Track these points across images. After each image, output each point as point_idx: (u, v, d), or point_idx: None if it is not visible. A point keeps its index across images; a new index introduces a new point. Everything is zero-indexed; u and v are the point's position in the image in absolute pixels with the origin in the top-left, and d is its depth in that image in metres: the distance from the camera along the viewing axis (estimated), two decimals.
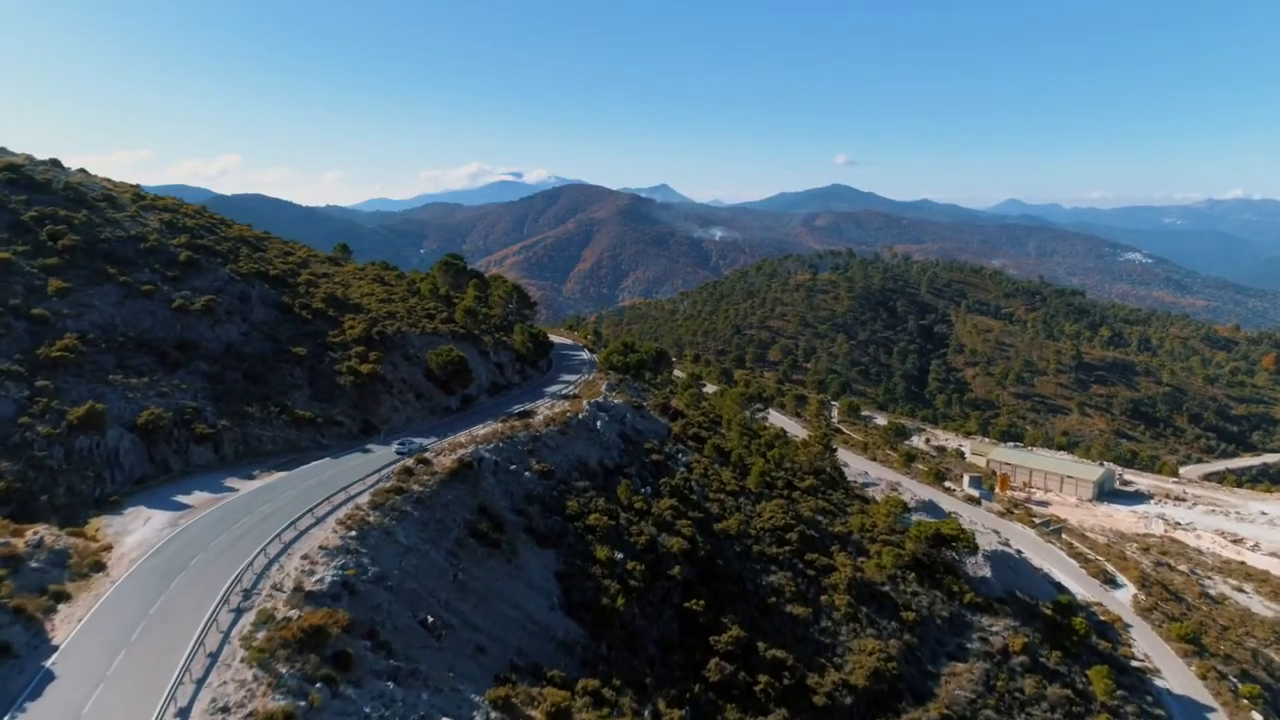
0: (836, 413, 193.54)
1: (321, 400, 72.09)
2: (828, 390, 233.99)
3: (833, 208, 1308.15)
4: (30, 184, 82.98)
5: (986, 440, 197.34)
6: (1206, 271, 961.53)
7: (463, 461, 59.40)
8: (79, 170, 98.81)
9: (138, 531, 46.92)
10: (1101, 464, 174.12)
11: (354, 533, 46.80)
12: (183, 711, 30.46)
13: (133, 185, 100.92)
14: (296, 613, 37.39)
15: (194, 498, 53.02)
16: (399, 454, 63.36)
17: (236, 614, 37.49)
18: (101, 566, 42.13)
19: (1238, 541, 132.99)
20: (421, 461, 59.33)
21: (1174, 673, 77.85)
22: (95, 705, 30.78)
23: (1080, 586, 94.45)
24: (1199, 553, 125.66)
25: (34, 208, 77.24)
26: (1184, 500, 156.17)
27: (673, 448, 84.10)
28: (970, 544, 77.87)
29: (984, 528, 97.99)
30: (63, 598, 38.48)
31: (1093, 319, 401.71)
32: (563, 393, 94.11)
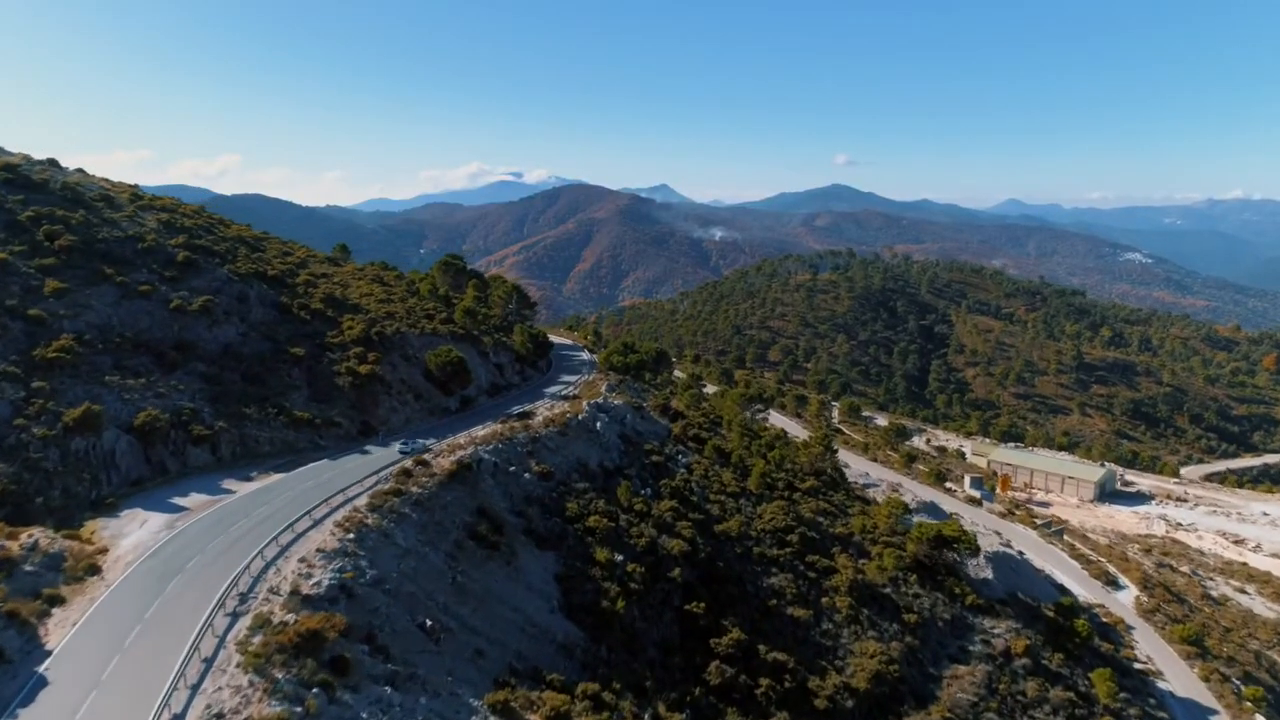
0: (837, 413, 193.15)
1: (320, 401, 71.71)
2: (828, 391, 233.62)
3: (833, 208, 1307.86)
4: (27, 184, 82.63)
5: (987, 441, 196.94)
6: (1206, 272, 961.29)
7: (462, 463, 59.05)
8: (76, 170, 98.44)
9: (134, 534, 46.55)
10: (1102, 465, 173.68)
11: (352, 535, 46.44)
12: (177, 718, 30.09)
13: (130, 185, 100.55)
14: (293, 617, 37.01)
15: (191, 500, 52.66)
16: (403, 453, 63.28)
17: (232, 618, 37.12)
18: (97, 570, 41.74)
19: (1239, 542, 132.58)
20: (420, 463, 58.96)
21: (1177, 675, 77.44)
22: (88, 711, 30.41)
23: (1082, 588, 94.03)
24: (1201, 554, 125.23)
25: (31, 208, 76.89)
26: (1185, 501, 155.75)
27: (673, 449, 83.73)
28: (972, 546, 77.49)
29: (985, 529, 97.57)
30: (57, 601, 38.11)
31: (1093, 319, 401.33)
32: (562, 393, 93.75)
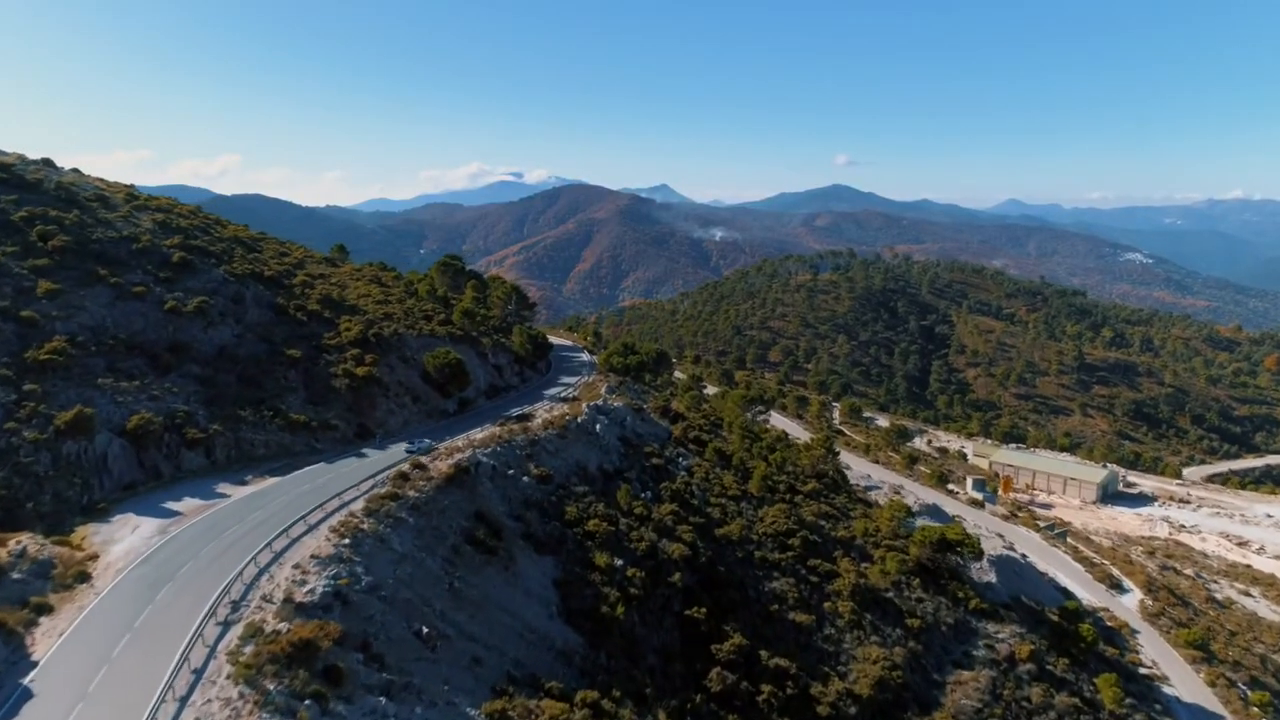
0: (838, 414, 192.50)
1: (316, 403, 70.88)
2: (829, 391, 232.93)
3: (833, 208, 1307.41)
4: (21, 184, 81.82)
5: (989, 442, 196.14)
6: (1207, 272, 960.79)
7: (459, 466, 58.30)
8: (72, 170, 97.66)
9: (125, 540, 45.75)
10: (1105, 466, 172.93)
11: (347, 540, 45.69)
12: None
13: (126, 185, 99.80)
14: (286, 625, 36.26)
15: (184, 504, 51.86)
16: (409, 452, 63.51)
17: (224, 627, 36.34)
18: (86, 577, 40.94)
19: (1243, 544, 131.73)
20: (417, 466, 58.20)
21: (1182, 680, 76.67)
22: None
23: (1086, 591, 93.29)
24: (1204, 556, 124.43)
25: (24, 208, 75.99)
26: (1188, 502, 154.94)
27: (673, 451, 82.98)
28: (975, 549, 76.80)
29: (988, 531, 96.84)
30: (45, 610, 37.32)
31: (1094, 319, 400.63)
32: (562, 395, 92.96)
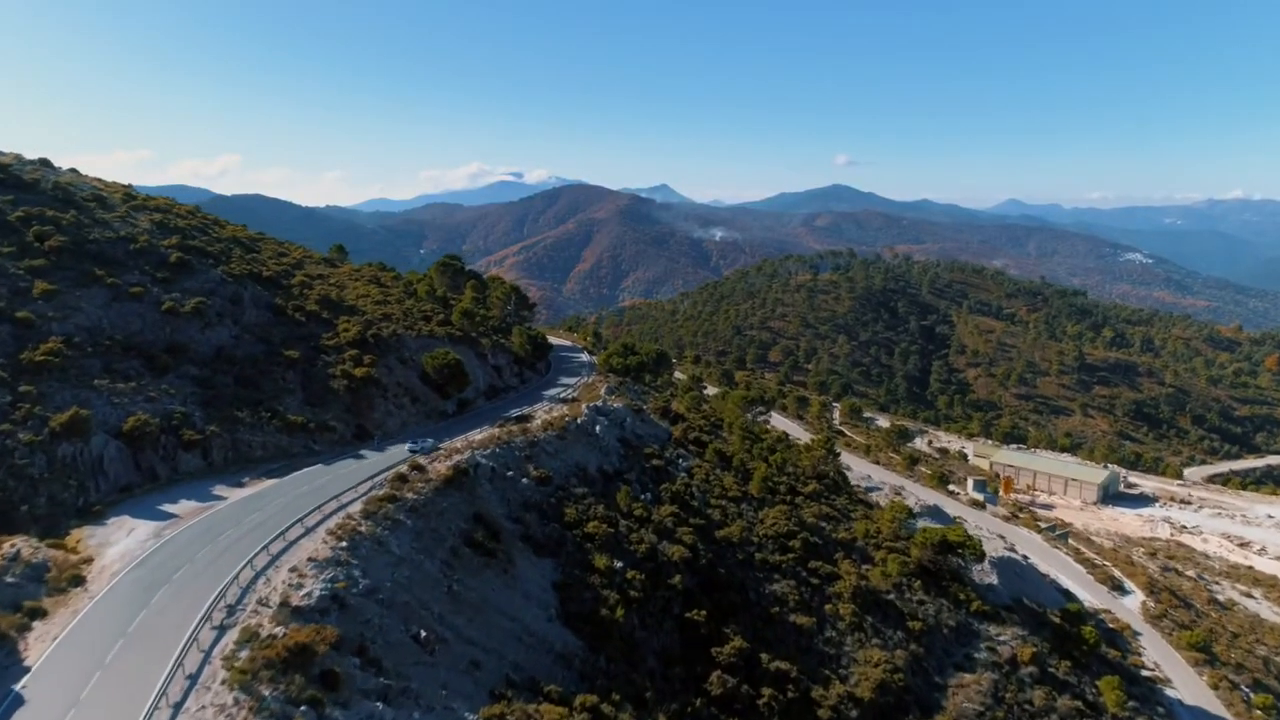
0: (838, 414, 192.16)
1: (314, 405, 70.50)
2: (829, 391, 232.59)
3: (833, 208, 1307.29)
4: (18, 184, 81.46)
5: (989, 442, 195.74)
6: (1207, 272, 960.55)
7: (458, 468, 57.91)
8: (69, 170, 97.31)
9: (120, 543, 45.36)
10: (1105, 466, 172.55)
11: (345, 543, 45.30)
12: None
13: (124, 185, 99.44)
14: (282, 630, 35.86)
15: (181, 507, 51.49)
16: (412, 451, 63.68)
17: (219, 631, 35.94)
18: (81, 580, 40.57)
19: (1244, 545, 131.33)
20: (416, 468, 57.84)
21: (1185, 682, 76.32)
22: None
23: (1088, 593, 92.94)
24: (1206, 557, 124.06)
25: (21, 208, 75.65)
26: (1189, 503, 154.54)
27: (673, 452, 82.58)
28: (977, 551, 76.35)
29: (989, 533, 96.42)
30: (38, 614, 36.93)
31: (1095, 319, 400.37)
32: (561, 396, 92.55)
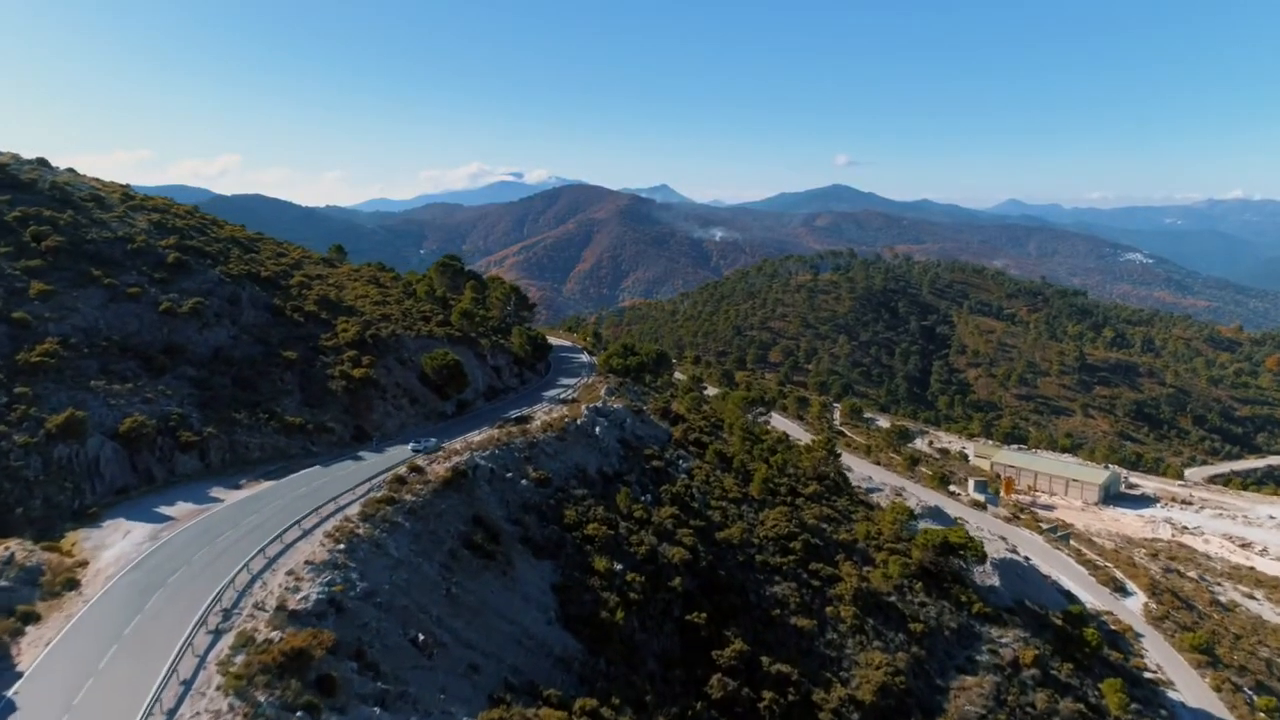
0: (839, 415, 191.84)
1: (312, 406, 70.11)
2: (829, 392, 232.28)
3: (833, 208, 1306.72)
4: (14, 184, 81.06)
5: (990, 442, 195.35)
6: (1207, 272, 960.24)
7: (457, 469, 57.55)
8: (67, 170, 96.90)
9: (116, 545, 45.00)
10: (1106, 467, 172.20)
11: (342, 546, 44.93)
12: None
13: (122, 185, 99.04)
14: (278, 634, 35.49)
15: (177, 509, 51.12)
16: (415, 451, 63.93)
17: (215, 636, 35.58)
18: (75, 584, 40.19)
19: (1246, 546, 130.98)
20: (414, 469, 57.46)
21: (1188, 684, 75.96)
22: None
23: (1090, 595, 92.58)
24: (1207, 558, 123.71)
25: (17, 208, 75.25)
26: (1190, 504, 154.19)
27: (673, 454, 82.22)
28: (978, 552, 75.98)
29: (991, 534, 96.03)
30: (32, 619, 36.59)
31: (1095, 320, 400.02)
32: (561, 397, 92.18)
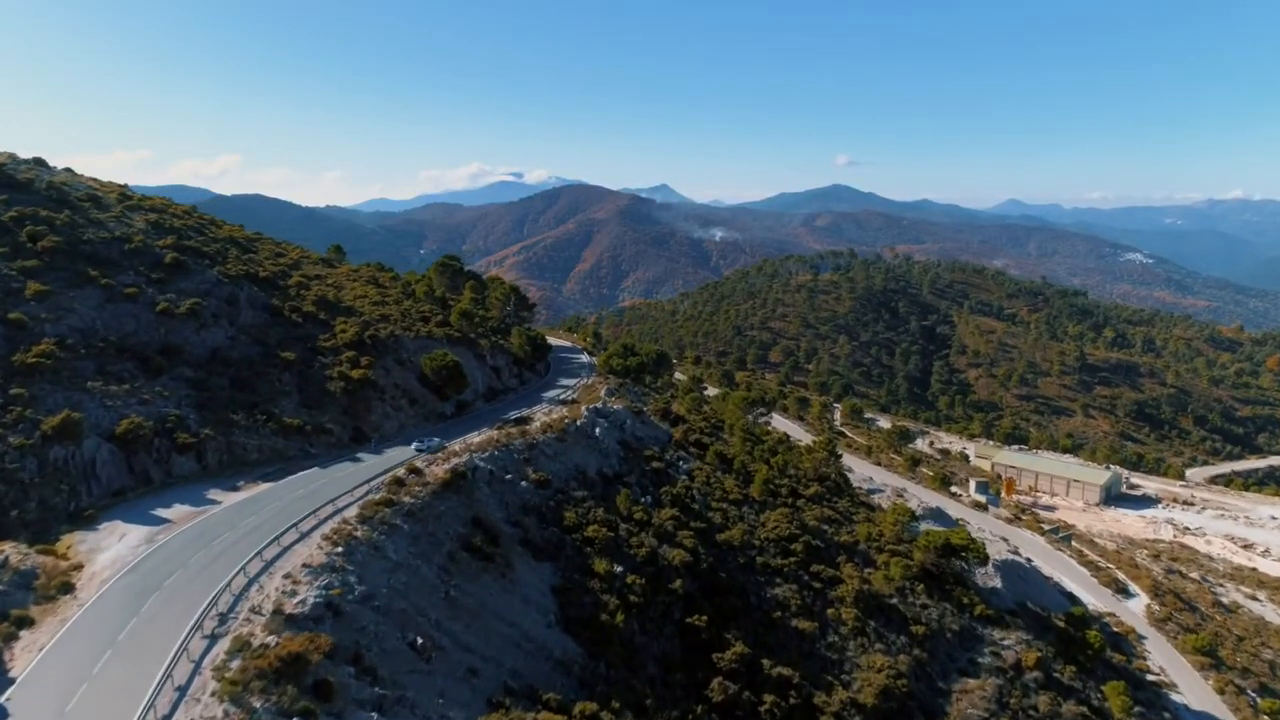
0: (839, 415, 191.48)
1: (310, 407, 69.68)
2: (830, 392, 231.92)
3: (833, 208, 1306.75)
4: (11, 184, 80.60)
5: (990, 443, 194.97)
6: (1207, 272, 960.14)
7: (456, 471, 57.16)
8: (64, 170, 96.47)
9: (112, 548, 44.59)
10: (1108, 467, 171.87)
11: (340, 549, 44.54)
12: None
13: (120, 185, 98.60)
14: (275, 639, 35.11)
15: (174, 511, 50.72)
16: (419, 450, 64.26)
17: (210, 641, 35.20)
18: (70, 588, 39.80)
19: (1248, 547, 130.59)
20: (413, 471, 57.09)
21: (1191, 687, 75.53)
22: None
23: (1092, 596, 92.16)
24: (1209, 559, 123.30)
25: (14, 208, 74.83)
26: (1192, 504, 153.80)
27: (674, 455, 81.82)
28: (980, 554, 75.57)
29: (992, 535, 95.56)
30: (26, 623, 36.21)
31: (1096, 320, 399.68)
32: (561, 398, 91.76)
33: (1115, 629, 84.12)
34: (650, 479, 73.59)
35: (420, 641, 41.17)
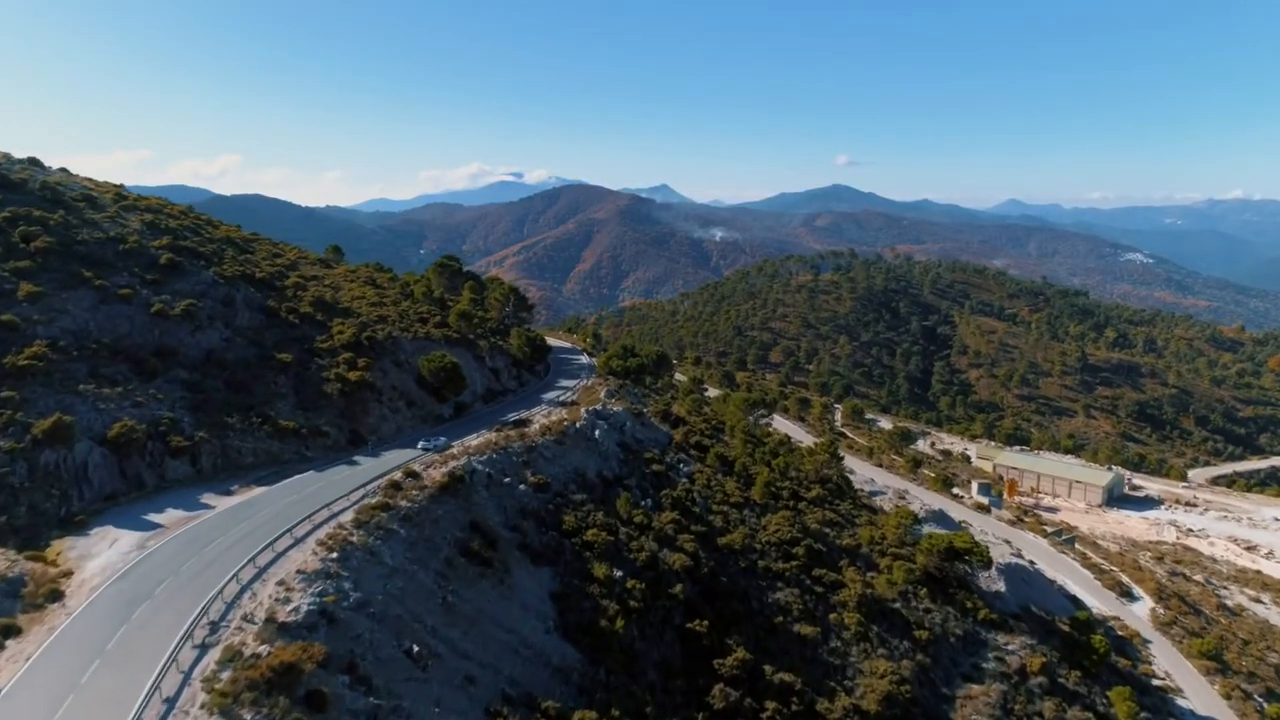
0: (840, 416, 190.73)
1: (307, 409, 68.88)
2: (830, 393, 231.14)
3: (833, 208, 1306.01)
4: (4, 183, 79.75)
5: (992, 444, 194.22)
6: (1207, 272, 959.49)
7: (453, 474, 56.35)
8: (59, 169, 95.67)
9: (102, 555, 43.78)
10: (1110, 468, 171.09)
11: (335, 554, 43.73)
12: None
13: (115, 185, 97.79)
14: (267, 648, 34.31)
15: (167, 516, 49.88)
16: (424, 449, 64.50)
17: (201, 650, 34.41)
18: (59, 595, 39.00)
19: (1251, 549, 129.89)
20: (410, 474, 56.32)
21: (1197, 692, 74.78)
22: None
23: (1096, 600, 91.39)
24: (1213, 561, 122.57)
25: (7, 208, 73.97)
26: (1195, 505, 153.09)
27: (674, 457, 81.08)
28: (984, 557, 74.78)
29: (995, 538, 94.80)
30: (12, 632, 35.41)
31: (1097, 320, 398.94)
32: (560, 399, 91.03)
33: (1120, 633, 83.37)
34: (650, 482, 72.85)
35: (416, 649, 40.37)
